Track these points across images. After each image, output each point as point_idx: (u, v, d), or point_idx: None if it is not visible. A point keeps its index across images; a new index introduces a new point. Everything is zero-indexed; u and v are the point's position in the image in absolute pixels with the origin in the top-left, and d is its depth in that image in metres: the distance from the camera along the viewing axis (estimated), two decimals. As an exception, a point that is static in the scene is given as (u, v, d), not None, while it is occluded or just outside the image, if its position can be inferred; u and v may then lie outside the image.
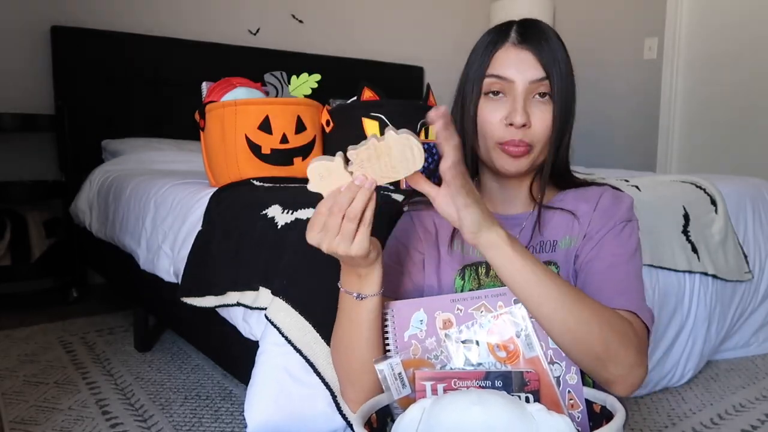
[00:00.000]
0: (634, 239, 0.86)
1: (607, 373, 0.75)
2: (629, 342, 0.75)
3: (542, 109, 0.84)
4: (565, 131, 0.87)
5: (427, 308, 0.83)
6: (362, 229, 0.72)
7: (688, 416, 1.51)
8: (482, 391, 0.66)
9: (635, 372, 0.75)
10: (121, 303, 2.52)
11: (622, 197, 0.90)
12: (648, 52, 3.64)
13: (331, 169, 0.72)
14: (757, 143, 3.26)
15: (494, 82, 0.85)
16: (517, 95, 0.84)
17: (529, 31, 0.86)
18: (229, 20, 3.20)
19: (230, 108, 1.53)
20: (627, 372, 0.74)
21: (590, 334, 0.73)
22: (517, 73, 0.84)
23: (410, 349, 0.82)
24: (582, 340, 0.73)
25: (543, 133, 0.85)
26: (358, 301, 0.80)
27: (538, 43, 0.84)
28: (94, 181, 2.33)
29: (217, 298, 1.24)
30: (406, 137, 0.70)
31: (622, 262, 0.84)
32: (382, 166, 0.71)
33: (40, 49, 2.67)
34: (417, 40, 3.91)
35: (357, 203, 0.70)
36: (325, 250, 0.73)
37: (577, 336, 0.73)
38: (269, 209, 1.19)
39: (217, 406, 1.56)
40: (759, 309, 1.93)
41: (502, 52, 0.86)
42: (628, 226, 0.87)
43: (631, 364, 0.74)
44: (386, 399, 0.80)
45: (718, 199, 1.81)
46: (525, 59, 0.84)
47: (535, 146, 0.85)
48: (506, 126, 0.84)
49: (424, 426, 0.63)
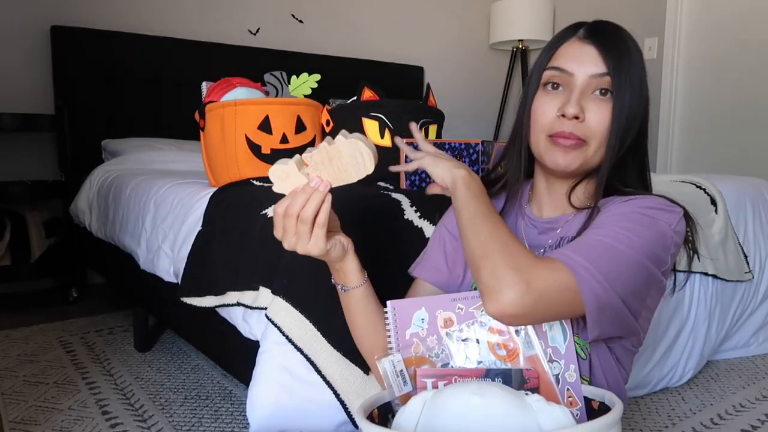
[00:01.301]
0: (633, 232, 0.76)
1: (479, 279, 0.73)
2: (512, 262, 0.71)
3: (600, 105, 0.82)
4: (626, 137, 0.82)
5: (429, 307, 0.84)
6: (317, 230, 0.77)
7: (688, 416, 1.51)
8: (482, 383, 0.67)
9: (505, 292, 0.69)
10: (121, 303, 2.52)
11: (662, 204, 0.82)
12: (648, 52, 3.64)
13: (287, 172, 0.78)
14: (757, 143, 3.27)
15: (554, 75, 0.84)
16: (574, 88, 0.82)
17: (599, 28, 0.85)
18: (229, 20, 3.20)
19: (230, 108, 1.53)
20: (496, 284, 0.70)
21: (476, 237, 0.76)
22: (578, 66, 0.82)
23: (412, 347, 0.82)
24: (469, 241, 0.77)
25: (598, 129, 0.81)
26: (344, 292, 0.89)
27: (605, 39, 0.83)
28: (94, 181, 2.33)
29: (217, 298, 1.24)
30: (354, 142, 0.75)
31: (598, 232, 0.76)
32: (335, 169, 0.76)
33: (40, 49, 2.68)
34: (417, 40, 3.91)
35: (309, 207, 0.75)
36: (286, 248, 0.79)
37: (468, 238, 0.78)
38: (269, 209, 1.19)
39: (217, 406, 1.56)
40: (759, 309, 1.93)
41: (566, 46, 0.85)
42: (640, 217, 0.78)
43: (502, 279, 0.70)
44: (388, 395, 0.81)
45: (718, 199, 1.81)
46: (588, 53, 0.83)
47: (589, 142, 0.82)
48: (558, 117, 0.83)
49: (425, 415, 0.64)
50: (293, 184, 0.77)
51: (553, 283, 0.71)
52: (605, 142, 0.82)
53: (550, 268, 0.71)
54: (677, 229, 0.80)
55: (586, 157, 0.83)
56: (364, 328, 0.90)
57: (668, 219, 0.80)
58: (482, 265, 0.73)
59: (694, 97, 3.53)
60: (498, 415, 0.61)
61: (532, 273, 0.70)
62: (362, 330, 0.91)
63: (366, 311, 0.89)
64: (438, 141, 1.33)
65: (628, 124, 0.82)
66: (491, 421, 0.61)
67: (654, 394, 1.65)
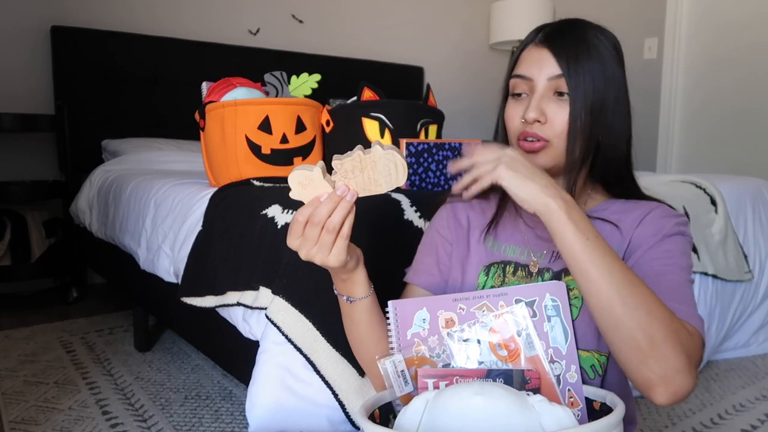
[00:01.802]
0: (687, 256, 0.79)
1: (648, 370, 0.67)
2: (679, 342, 0.67)
3: (560, 105, 0.83)
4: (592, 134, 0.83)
5: (430, 307, 0.84)
6: (339, 241, 0.73)
7: (688, 416, 1.51)
8: (484, 383, 0.67)
9: (680, 378, 0.66)
10: (121, 303, 2.52)
11: (676, 213, 0.84)
12: (648, 52, 3.64)
13: (311, 179, 0.72)
14: (757, 143, 3.27)
15: (517, 82, 0.86)
16: (535, 92, 0.84)
17: (556, 30, 0.86)
18: (229, 20, 3.20)
19: (230, 108, 1.53)
20: (671, 374, 0.66)
21: (635, 320, 0.67)
22: (537, 71, 0.84)
23: (413, 347, 0.82)
24: (625, 324, 0.67)
25: (561, 129, 0.82)
26: (350, 303, 0.84)
27: (560, 41, 0.84)
28: (94, 181, 2.33)
29: (217, 298, 1.24)
30: (392, 153, 0.71)
31: (674, 271, 0.77)
32: (365, 179, 0.72)
33: (40, 49, 2.68)
34: (417, 40, 3.91)
35: (336, 215, 0.71)
36: (303, 258, 0.74)
37: (621, 319, 0.67)
38: (269, 209, 1.19)
39: (217, 406, 1.56)
40: (759, 309, 1.93)
41: (526, 52, 0.87)
42: (681, 240, 0.80)
43: (677, 367, 0.66)
44: (389, 396, 0.81)
45: (718, 199, 1.81)
46: (544, 57, 0.84)
47: (552, 142, 0.83)
48: (523, 123, 0.84)
49: (428, 415, 0.64)
50: (315, 191, 0.73)
51: (700, 352, 0.71)
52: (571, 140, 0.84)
53: (693, 335, 0.71)
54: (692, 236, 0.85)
55: (555, 156, 0.84)
56: (367, 337, 0.87)
57: (689, 230, 0.83)
58: (651, 354, 0.67)
59: (694, 97, 3.53)
60: (500, 415, 0.61)
61: (692, 351, 0.69)
62: (364, 339, 0.88)
63: (371, 321, 0.86)
64: (438, 141, 1.33)
65: (592, 121, 0.82)
66: (494, 420, 0.60)
67: (654, 394, 1.65)
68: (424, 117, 1.62)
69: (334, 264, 0.74)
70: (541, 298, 0.81)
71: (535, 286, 0.82)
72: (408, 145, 1.30)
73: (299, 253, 0.74)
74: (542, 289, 0.81)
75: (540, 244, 0.89)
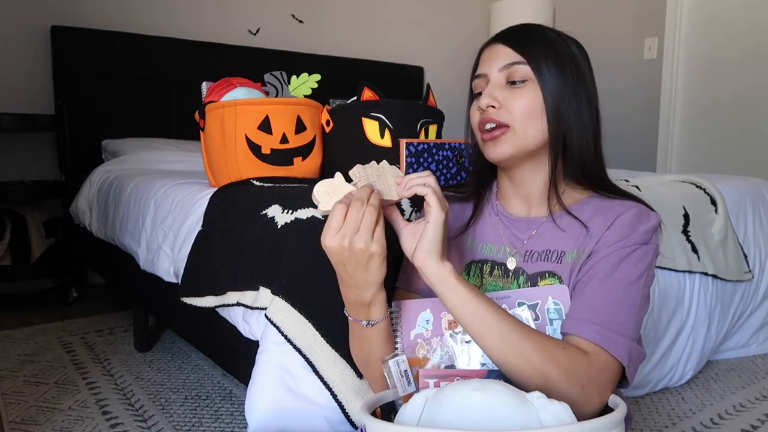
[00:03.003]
0: (641, 265, 0.79)
1: (555, 398, 0.70)
2: (574, 379, 0.71)
3: (514, 92, 0.84)
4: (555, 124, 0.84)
5: (434, 308, 0.84)
6: (379, 228, 0.74)
7: (688, 416, 1.51)
8: (484, 380, 0.67)
9: (581, 408, 0.71)
10: (121, 303, 2.52)
11: (646, 218, 0.83)
12: (648, 52, 3.64)
13: (335, 185, 0.78)
14: (757, 143, 3.27)
15: (476, 83, 0.89)
16: (489, 84, 0.87)
17: (511, 29, 0.89)
18: (229, 20, 3.20)
19: (230, 108, 1.52)
20: (573, 404, 0.68)
21: (528, 368, 0.72)
22: (489, 67, 0.87)
23: (416, 347, 0.82)
24: (521, 371, 0.72)
25: (519, 112, 0.83)
26: (368, 327, 0.83)
27: (514, 35, 0.87)
28: (94, 181, 2.33)
29: (217, 298, 1.24)
30: (396, 169, 0.81)
31: (618, 288, 0.78)
32: (381, 186, 0.79)
33: (40, 49, 2.68)
34: (417, 40, 3.91)
35: (375, 198, 0.75)
36: (346, 247, 0.73)
37: (516, 368, 0.72)
38: (269, 209, 1.18)
39: (217, 406, 1.56)
40: (759, 309, 1.93)
41: (481, 55, 0.90)
42: (641, 250, 0.80)
43: (574, 401, 0.70)
44: (391, 395, 0.81)
45: (718, 199, 1.81)
46: (497, 51, 0.87)
47: (513, 125, 0.84)
48: (480, 114, 0.87)
49: (427, 412, 0.64)
50: (339, 196, 0.77)
51: (606, 378, 0.74)
52: (532, 124, 0.84)
53: (599, 364, 0.74)
54: (659, 241, 0.84)
55: (518, 140, 0.85)
56: (377, 354, 0.85)
57: (656, 239, 0.83)
58: (550, 389, 0.71)
59: (694, 97, 3.53)
60: (499, 410, 0.61)
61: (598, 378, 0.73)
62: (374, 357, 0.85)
63: (386, 339, 0.84)
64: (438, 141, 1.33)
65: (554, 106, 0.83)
66: (493, 414, 0.61)
67: (654, 393, 1.65)
68: (424, 117, 1.62)
69: (377, 249, 0.74)
70: (543, 301, 0.81)
71: (538, 289, 0.82)
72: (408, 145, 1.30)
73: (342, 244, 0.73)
74: (545, 293, 0.81)
75: (515, 243, 0.90)
